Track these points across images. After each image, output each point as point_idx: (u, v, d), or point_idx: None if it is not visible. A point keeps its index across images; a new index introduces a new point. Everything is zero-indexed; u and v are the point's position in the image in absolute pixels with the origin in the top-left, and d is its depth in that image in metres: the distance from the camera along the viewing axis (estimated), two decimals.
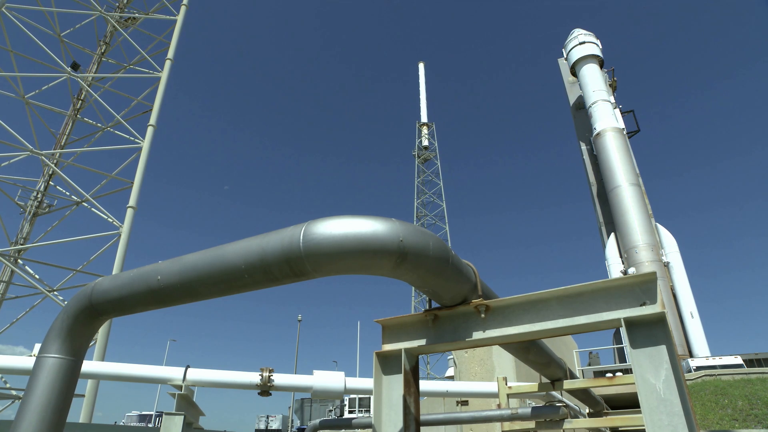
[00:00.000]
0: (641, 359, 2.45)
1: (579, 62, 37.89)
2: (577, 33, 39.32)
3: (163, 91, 21.42)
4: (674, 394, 2.39)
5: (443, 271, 2.38)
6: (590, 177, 36.51)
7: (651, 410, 2.38)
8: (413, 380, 2.88)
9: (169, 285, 2.86)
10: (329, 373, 5.98)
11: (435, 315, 2.81)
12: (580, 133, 38.48)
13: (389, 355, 2.93)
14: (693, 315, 28.10)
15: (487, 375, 9.77)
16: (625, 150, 33.36)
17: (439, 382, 6.06)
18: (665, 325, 2.48)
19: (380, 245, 2.16)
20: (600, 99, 35.26)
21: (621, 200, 31.47)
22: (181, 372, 5.97)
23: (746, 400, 11.31)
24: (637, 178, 32.71)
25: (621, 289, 2.51)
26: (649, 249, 29.68)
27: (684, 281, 29.15)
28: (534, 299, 2.63)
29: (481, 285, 2.71)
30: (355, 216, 2.26)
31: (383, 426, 2.88)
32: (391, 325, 3.01)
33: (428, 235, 2.29)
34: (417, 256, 2.22)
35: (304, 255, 2.29)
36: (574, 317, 2.54)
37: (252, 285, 2.66)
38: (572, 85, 40.43)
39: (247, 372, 6.28)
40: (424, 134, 61.86)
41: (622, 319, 2.46)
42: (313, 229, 2.29)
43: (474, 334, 2.70)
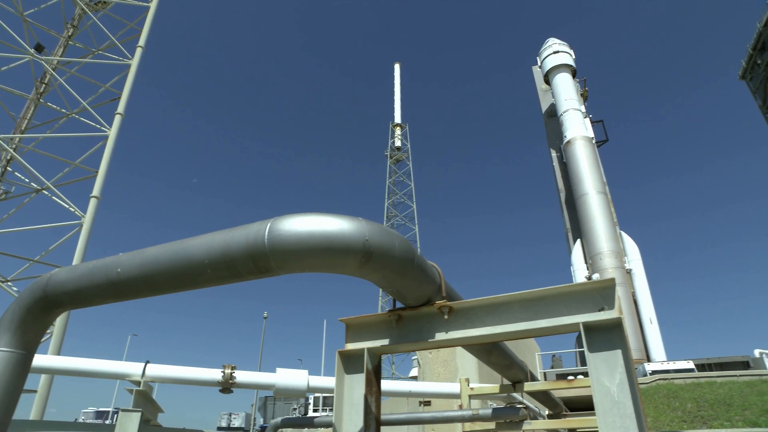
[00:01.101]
0: (598, 363, 2.51)
1: (552, 71, 38.67)
2: (552, 42, 40.12)
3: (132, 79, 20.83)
4: (627, 396, 2.45)
5: (408, 271, 2.39)
6: (559, 183, 37.28)
7: (605, 412, 2.44)
8: (375, 380, 2.89)
9: (129, 278, 2.79)
10: (292, 372, 5.93)
11: (399, 315, 2.82)
12: (551, 140, 39.27)
13: (352, 354, 2.93)
14: (652, 321, 29.03)
15: (450, 376, 9.86)
16: (594, 159, 34.20)
17: (403, 383, 6.09)
18: (621, 331, 2.55)
19: (346, 244, 2.15)
20: (571, 108, 36.05)
21: (588, 207, 32.26)
22: (140, 368, 5.82)
23: (695, 403, 11.79)
24: (604, 186, 33.58)
25: (581, 294, 2.57)
26: (613, 256, 30.51)
27: (645, 288, 30.09)
28: (497, 302, 2.67)
29: (445, 286, 2.73)
30: (321, 214, 2.25)
31: (344, 425, 2.87)
32: (354, 324, 3.00)
33: (394, 236, 2.30)
34: (382, 256, 2.23)
35: (268, 251, 2.26)
36: (535, 321, 2.59)
37: (215, 280, 2.62)
38: (545, 92, 41.22)
39: (208, 369, 6.18)
40: (397, 135, 62.02)
41: (580, 324, 2.51)
42: (279, 225, 2.26)
43: (437, 335, 2.72)
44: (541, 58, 40.63)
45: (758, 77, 50.18)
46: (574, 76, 38.68)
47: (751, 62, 50.84)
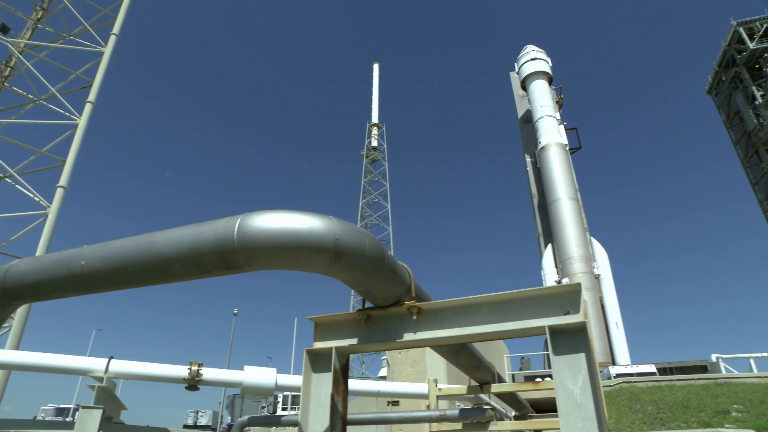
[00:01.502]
0: (562, 366, 2.56)
1: (529, 77, 39.28)
2: (530, 49, 40.75)
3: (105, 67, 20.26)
4: (589, 399, 2.50)
5: (378, 271, 2.39)
6: (532, 188, 37.89)
7: (567, 414, 2.48)
8: (342, 379, 2.88)
9: (93, 271, 2.72)
10: (260, 369, 5.87)
11: (368, 315, 2.82)
12: (525, 145, 39.88)
13: (320, 353, 2.91)
14: (618, 325, 29.77)
15: (419, 376, 9.91)
16: (567, 165, 34.88)
17: (371, 382, 6.08)
18: (586, 334, 2.60)
19: (316, 242, 2.14)
20: (546, 114, 36.69)
21: (560, 213, 32.87)
22: (104, 363, 5.67)
23: (655, 405, 12.17)
24: (576, 192, 34.27)
25: (547, 298, 2.61)
26: (583, 261, 31.17)
27: (612, 293, 30.84)
28: (465, 304, 2.69)
29: (415, 287, 2.75)
30: (292, 211, 2.23)
31: (310, 424, 2.86)
32: (323, 323, 2.99)
33: (365, 235, 2.30)
34: (352, 255, 2.22)
35: (237, 247, 2.24)
36: (502, 323, 2.62)
37: (182, 275, 2.58)
38: (522, 98, 41.84)
39: (175, 365, 6.06)
40: (374, 135, 61.97)
41: (546, 327, 2.55)
42: (249, 221, 2.24)
43: (405, 336, 2.73)
44: (518, 64, 41.23)
45: (723, 93, 52.01)
46: (551, 83, 39.38)
47: (717, 78, 52.66)
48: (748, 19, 47.42)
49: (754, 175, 49.54)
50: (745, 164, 50.83)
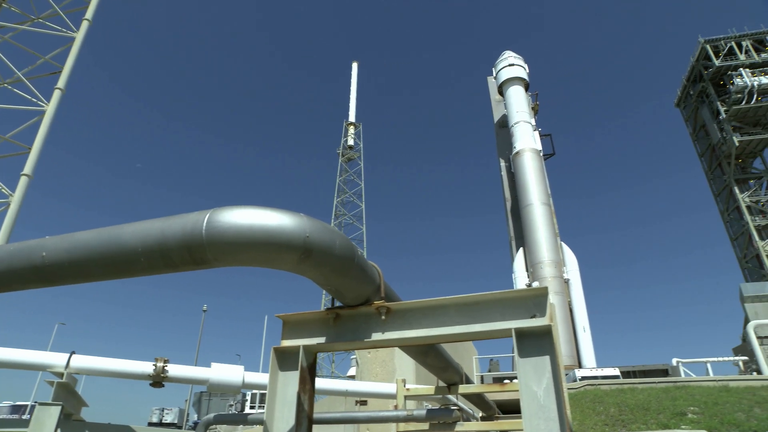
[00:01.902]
0: (527, 368, 2.59)
1: (506, 83, 39.77)
2: (508, 55, 41.26)
3: (76, 53, 19.65)
4: (552, 401, 2.54)
5: (347, 270, 2.38)
6: (506, 192, 38.39)
7: (531, 416, 2.52)
8: (309, 378, 2.87)
9: (55, 263, 2.64)
10: (227, 367, 5.79)
11: (336, 314, 2.81)
12: (500, 149, 40.38)
13: (287, 351, 2.89)
14: (585, 329, 30.40)
15: (387, 376, 9.93)
16: (540, 171, 35.46)
17: (340, 382, 6.06)
18: (551, 338, 2.64)
19: (285, 239, 2.13)
20: (522, 120, 37.22)
21: (532, 217, 33.39)
22: (65, 358, 5.50)
23: (617, 407, 12.50)
24: (548, 198, 34.87)
25: (515, 301, 2.65)
26: (553, 265, 31.73)
27: (580, 297, 31.47)
28: (433, 305, 2.71)
29: (384, 287, 2.75)
30: (262, 207, 2.21)
31: (275, 422, 2.83)
32: (291, 321, 2.97)
33: (335, 234, 2.29)
34: (322, 254, 2.21)
35: (206, 243, 2.21)
36: (470, 325, 2.65)
37: (149, 269, 2.53)
38: (498, 103, 42.36)
39: (139, 361, 5.92)
40: (350, 134, 61.76)
41: (513, 329, 2.59)
42: (218, 216, 2.21)
43: (373, 335, 2.73)
44: (496, 69, 41.71)
45: (690, 106, 53.75)
46: (527, 89, 39.95)
47: (685, 92, 54.40)
48: (715, 38, 49.17)
49: (717, 186, 51.34)
50: (709, 176, 52.62)
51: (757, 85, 44.98)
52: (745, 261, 47.67)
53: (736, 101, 45.67)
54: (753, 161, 49.00)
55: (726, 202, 50.14)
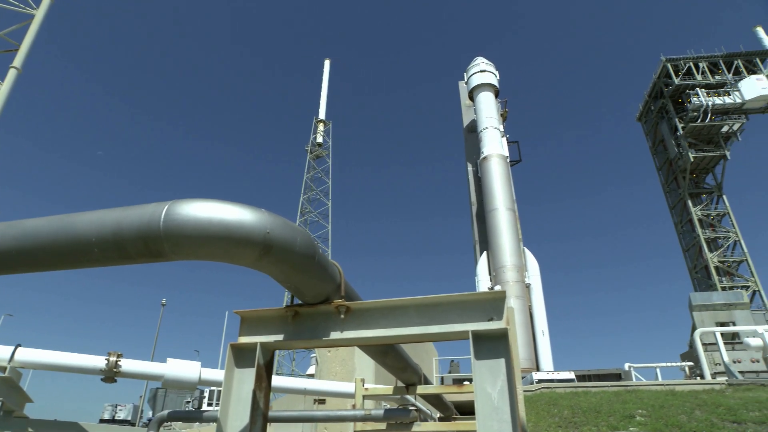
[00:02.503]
0: (482, 370, 2.64)
1: (477, 88, 40.33)
2: (480, 61, 41.85)
3: (36, 32, 18.82)
4: (506, 403, 2.59)
5: (308, 268, 2.37)
6: (472, 196, 38.93)
7: (485, 417, 2.57)
8: (266, 375, 2.84)
9: (2, 251, 2.53)
10: (184, 362, 5.66)
11: (295, 311, 2.79)
12: (468, 154, 40.92)
13: (244, 347, 2.85)
14: (544, 333, 31.12)
15: (347, 375, 9.91)
16: (506, 177, 36.10)
17: (298, 380, 6.02)
18: (507, 341, 2.69)
19: (245, 235, 2.10)
20: (491, 126, 37.80)
21: (496, 222, 33.96)
22: (8, 352, 5.26)
23: (571, 410, 12.87)
24: (513, 203, 35.55)
25: (473, 303, 2.69)
26: (515, 270, 32.35)
27: (540, 302, 32.19)
28: (393, 305, 2.72)
29: (345, 286, 2.75)
30: (223, 201, 2.17)
31: (229, 420, 2.79)
32: (250, 317, 2.93)
33: (296, 231, 2.27)
34: (282, 250, 2.19)
35: (163, 235, 2.15)
36: (428, 326, 2.68)
37: (103, 260, 2.45)
38: (468, 108, 42.91)
39: (91, 355, 5.72)
40: (319, 131, 61.21)
41: (470, 332, 2.63)
42: (177, 209, 2.16)
43: (332, 334, 2.72)
44: (468, 74, 42.25)
45: (651, 121, 55.79)
46: (497, 96, 40.63)
47: (647, 107, 56.44)
48: (675, 57, 51.23)
49: (672, 199, 53.46)
50: (665, 189, 54.74)
51: (711, 105, 47.10)
52: (694, 271, 49.79)
53: (693, 119, 47.70)
54: (706, 177, 51.25)
55: (680, 214, 52.27)
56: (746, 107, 47.52)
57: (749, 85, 47.20)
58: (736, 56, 50.56)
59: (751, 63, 50.43)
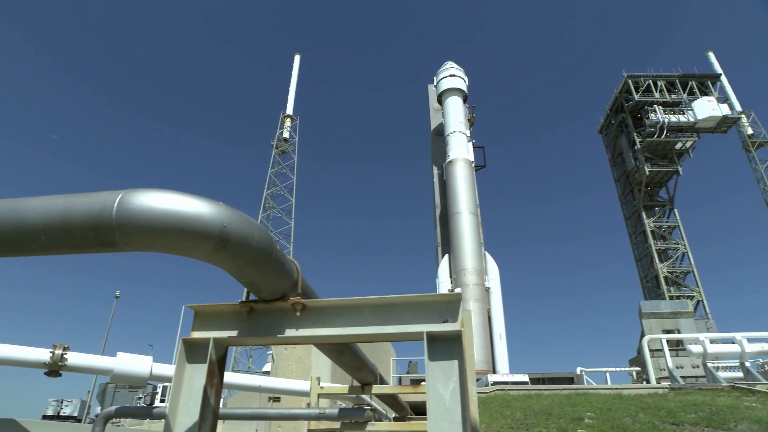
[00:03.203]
0: (435, 371, 2.67)
1: (446, 93, 40.78)
2: (450, 66, 42.34)
3: None
4: (458, 404, 2.63)
5: (264, 264, 2.35)
6: (436, 199, 39.33)
7: (436, 417, 2.60)
8: (218, 371, 2.79)
9: None
10: (134, 357, 5.49)
11: (251, 307, 2.76)
12: (435, 156, 41.33)
13: (197, 342, 2.80)
14: (501, 336, 31.72)
15: (303, 374, 9.84)
16: (471, 181, 36.65)
17: (253, 377, 5.94)
18: (461, 343, 2.74)
19: (201, 227, 2.06)
20: (458, 130, 38.28)
21: (459, 225, 34.41)
22: None
23: (523, 412, 13.20)
24: (476, 208, 36.10)
25: (428, 305, 2.72)
26: (476, 273, 32.85)
27: (499, 306, 32.81)
28: (349, 304, 2.73)
29: (302, 283, 2.74)
30: (179, 192, 2.13)
31: (178, 416, 2.73)
32: (204, 312, 2.88)
33: (254, 226, 2.25)
34: (239, 245, 2.16)
35: (115, 224, 2.09)
36: (383, 326, 2.69)
37: (49, 249, 2.36)
38: (437, 111, 43.34)
39: (34, 348, 5.47)
40: (286, 126, 60.47)
41: (425, 333, 2.66)
42: (131, 198, 2.10)
43: (287, 331, 2.70)
44: (437, 78, 42.67)
45: (611, 134, 57.84)
46: (465, 101, 41.19)
47: (608, 121, 58.49)
48: (636, 74, 53.35)
49: (628, 210, 55.56)
50: (622, 200, 56.83)
51: (667, 122, 49.29)
52: (645, 280, 51.90)
53: (650, 134, 49.77)
54: (660, 190, 53.53)
55: (634, 225, 54.36)
56: (698, 126, 49.97)
57: (701, 106, 49.65)
58: (690, 77, 53.07)
59: (704, 85, 53.05)
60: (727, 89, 55.32)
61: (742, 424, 11.12)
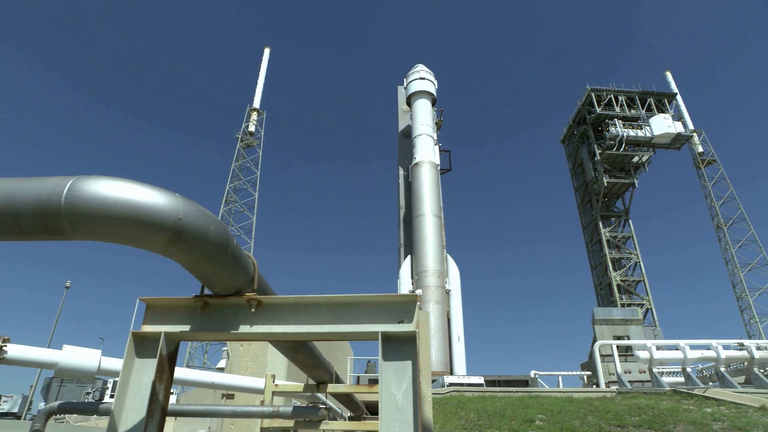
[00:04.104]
0: (389, 371, 2.69)
1: (415, 95, 41.05)
2: (420, 68, 42.63)
3: None
4: (410, 404, 2.66)
5: (220, 258, 2.30)
6: (401, 200, 39.53)
7: (388, 417, 2.62)
8: (168, 367, 2.73)
9: None
10: (81, 350, 5.29)
11: (205, 302, 2.70)
12: (401, 158, 41.55)
13: (148, 336, 2.73)
14: (459, 338, 32.14)
15: (258, 371, 9.71)
16: (436, 184, 37.01)
17: (206, 373, 5.82)
18: (415, 344, 2.76)
19: (155, 218, 2.00)
20: (425, 133, 38.60)
21: (422, 227, 34.69)
22: None
23: (477, 413, 13.44)
24: (440, 210, 36.49)
25: (385, 305, 2.74)
26: (437, 275, 33.19)
27: (459, 308, 33.23)
28: (305, 302, 2.71)
29: (258, 279, 2.70)
30: (134, 181, 2.06)
31: (124, 412, 2.65)
32: (156, 305, 2.80)
33: (211, 219, 2.21)
34: (194, 238, 2.12)
35: (63, 212, 2.01)
36: (339, 325, 2.69)
37: None
38: (405, 113, 43.58)
39: None
40: (252, 119, 59.41)
41: (380, 333, 2.67)
42: (83, 185, 2.02)
43: (241, 328, 2.66)
44: (407, 80, 42.90)
45: (573, 145, 59.62)
46: (434, 104, 41.57)
47: (570, 131, 60.24)
48: (599, 87, 55.22)
49: (586, 219, 57.36)
50: (580, 209, 58.61)
51: (625, 136, 51.21)
52: (599, 288, 53.69)
53: (609, 147, 51.59)
54: (616, 201, 55.51)
55: (591, 234, 56.16)
56: (654, 141, 52.12)
57: (658, 123, 51.85)
58: (649, 95, 55.32)
59: (661, 102, 55.42)
60: (681, 108, 57.97)
61: (680, 425, 11.70)
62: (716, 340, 22.75)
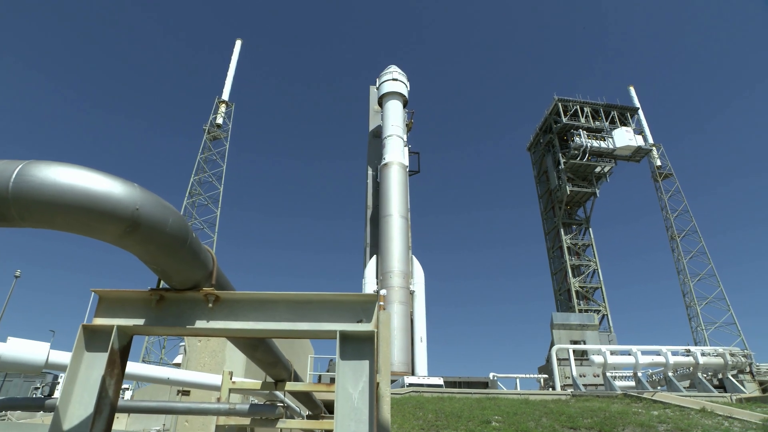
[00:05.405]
0: (346, 370, 2.68)
1: (387, 96, 41.17)
2: (393, 69, 42.78)
3: None
4: (366, 404, 2.65)
5: (177, 252, 2.25)
6: (369, 200, 39.55)
7: (343, 416, 2.61)
8: (120, 361, 2.65)
9: None
10: (28, 342, 5.07)
11: (161, 296, 2.64)
12: (371, 158, 41.59)
13: (99, 330, 2.64)
14: (422, 339, 32.38)
15: (216, 368, 9.53)
16: (404, 185, 37.20)
17: (161, 368, 5.66)
18: (373, 343, 2.77)
19: (111, 208, 1.94)
20: (395, 134, 38.76)
21: (389, 228, 34.81)
22: None
23: (435, 414, 13.58)
24: (407, 212, 36.69)
25: (344, 304, 2.74)
26: (402, 276, 33.35)
27: (422, 309, 33.50)
28: (264, 298, 2.68)
29: (217, 274, 2.66)
30: (90, 169, 1.99)
31: (70, 407, 2.56)
32: (109, 297, 2.71)
33: (170, 211, 2.15)
34: (151, 230, 2.06)
35: (11, 197, 1.92)
36: (297, 322, 2.67)
37: None
38: (376, 113, 43.64)
39: None
40: (220, 111, 58.23)
41: (338, 332, 2.67)
42: (33, 170, 1.94)
43: (197, 323, 2.61)
44: (380, 80, 42.98)
45: (539, 152, 61.02)
46: (405, 106, 41.80)
47: (537, 139, 61.62)
48: (566, 98, 56.72)
49: (548, 226, 58.77)
50: (543, 216, 60.01)
51: (589, 147, 52.77)
52: (559, 293, 55.10)
53: (573, 156, 53.04)
54: (578, 210, 57.10)
55: (553, 240, 57.57)
56: (616, 153, 53.90)
57: (620, 135, 53.65)
58: (613, 108, 57.17)
59: (624, 116, 57.35)
60: (643, 122, 60.10)
61: (629, 427, 12.15)
62: (666, 347, 23.73)
